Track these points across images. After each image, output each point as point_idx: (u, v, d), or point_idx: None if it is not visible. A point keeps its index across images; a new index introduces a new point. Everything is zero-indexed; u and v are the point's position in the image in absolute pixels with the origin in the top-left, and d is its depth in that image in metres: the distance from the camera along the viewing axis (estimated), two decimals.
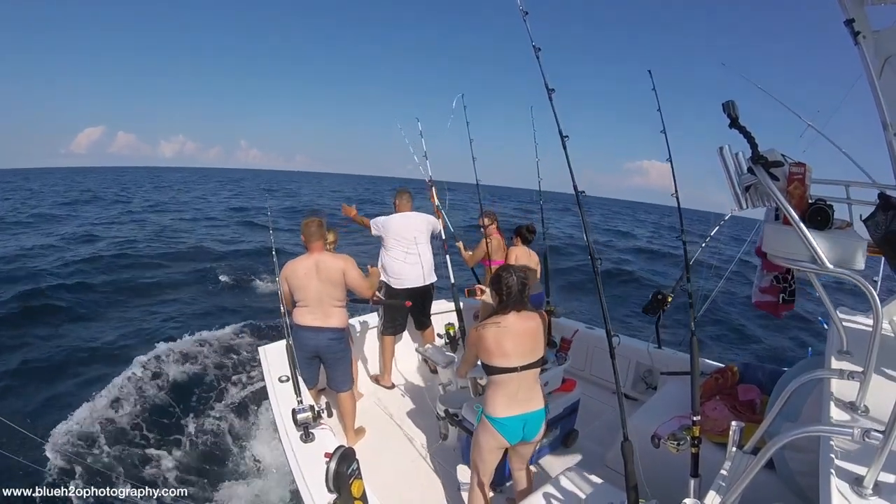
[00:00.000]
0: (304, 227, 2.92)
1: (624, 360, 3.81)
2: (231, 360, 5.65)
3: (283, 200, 29.84)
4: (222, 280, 9.59)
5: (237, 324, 6.81)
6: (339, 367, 3.07)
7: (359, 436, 3.28)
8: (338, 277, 2.89)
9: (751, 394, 2.65)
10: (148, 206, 23.21)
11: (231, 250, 12.53)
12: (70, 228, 14.87)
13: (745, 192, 1.55)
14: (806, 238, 1.39)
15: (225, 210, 23.14)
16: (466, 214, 12.37)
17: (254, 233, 16.03)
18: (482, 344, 2.03)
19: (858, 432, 1.07)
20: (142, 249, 11.86)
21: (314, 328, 2.91)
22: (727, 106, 1.51)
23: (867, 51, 1.75)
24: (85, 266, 9.80)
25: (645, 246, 19.25)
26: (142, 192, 34.31)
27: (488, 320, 2.06)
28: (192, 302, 8.26)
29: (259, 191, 39.36)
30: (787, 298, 2.24)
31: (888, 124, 1.75)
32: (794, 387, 1.60)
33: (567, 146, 2.01)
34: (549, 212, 4.35)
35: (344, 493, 1.64)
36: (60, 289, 8.10)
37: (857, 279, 1.37)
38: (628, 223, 34.09)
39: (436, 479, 2.90)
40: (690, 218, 3.12)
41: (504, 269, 2.10)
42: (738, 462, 1.61)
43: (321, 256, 2.90)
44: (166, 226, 16.57)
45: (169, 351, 5.66)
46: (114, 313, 7.43)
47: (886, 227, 1.44)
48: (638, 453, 1.74)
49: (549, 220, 5.84)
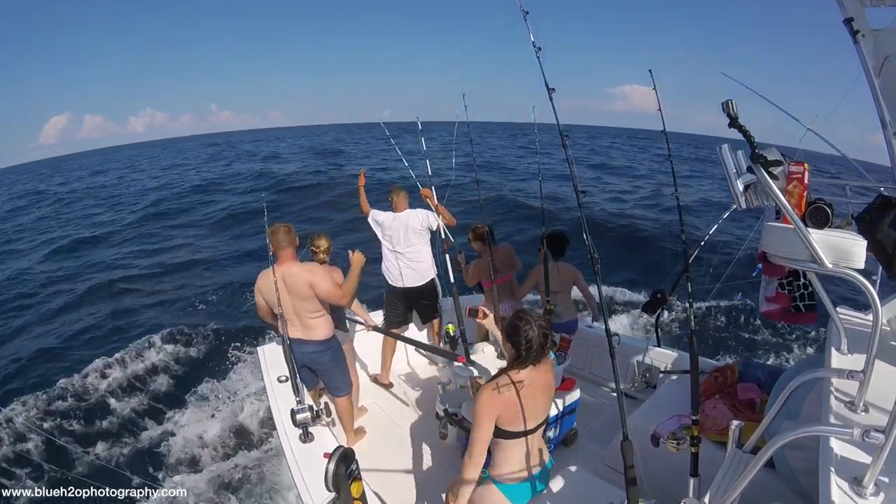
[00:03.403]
0: (270, 234, 2.70)
1: (623, 359, 3.81)
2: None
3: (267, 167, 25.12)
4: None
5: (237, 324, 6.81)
6: (331, 376, 2.97)
7: (358, 436, 3.25)
8: (306, 291, 2.68)
9: (750, 393, 2.65)
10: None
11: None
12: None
13: (745, 191, 1.55)
14: (805, 237, 1.39)
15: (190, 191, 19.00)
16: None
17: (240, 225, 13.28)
18: (503, 411, 1.73)
19: (858, 432, 1.07)
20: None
21: (298, 340, 2.80)
22: (726, 105, 1.51)
23: (866, 50, 1.75)
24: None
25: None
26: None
27: (503, 380, 1.76)
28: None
29: (242, 156, 34.87)
30: (808, 304, 2.11)
31: (887, 123, 1.75)
32: (794, 386, 1.60)
33: (567, 145, 2.01)
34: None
35: (343, 494, 1.64)
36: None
37: (857, 278, 1.37)
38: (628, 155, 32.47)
39: (435, 479, 2.89)
40: (679, 142, 3.03)
41: (522, 319, 1.76)
42: (737, 461, 1.61)
43: (288, 269, 2.68)
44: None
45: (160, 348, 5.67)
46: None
47: (878, 226, 1.43)
48: (637, 452, 1.73)
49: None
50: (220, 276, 9.12)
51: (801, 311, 2.18)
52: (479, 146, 4.72)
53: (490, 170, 19.55)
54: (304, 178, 18.85)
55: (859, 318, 2.22)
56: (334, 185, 16.71)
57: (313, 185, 17.04)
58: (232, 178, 21.19)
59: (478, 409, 1.75)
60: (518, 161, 23.71)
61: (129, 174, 29.61)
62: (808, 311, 2.16)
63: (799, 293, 2.14)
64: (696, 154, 32.33)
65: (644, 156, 30.93)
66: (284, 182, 18.41)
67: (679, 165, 3.29)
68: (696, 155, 31.65)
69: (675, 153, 2.77)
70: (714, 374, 2.91)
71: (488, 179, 16.14)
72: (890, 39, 1.75)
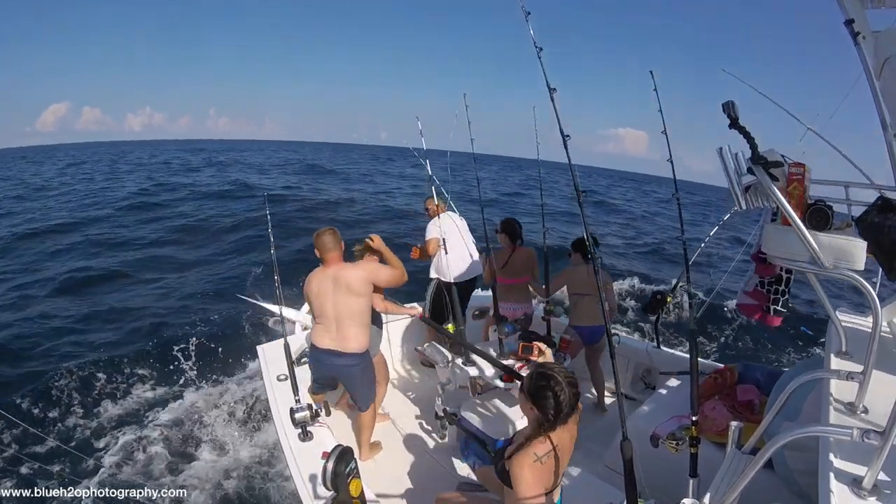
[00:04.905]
0: (315, 238, 2.66)
1: (623, 360, 3.81)
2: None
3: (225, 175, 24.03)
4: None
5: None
6: (360, 390, 2.82)
7: (373, 451, 3.08)
8: (362, 288, 2.59)
9: (750, 394, 2.65)
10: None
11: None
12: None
13: (745, 192, 1.56)
14: (805, 238, 1.39)
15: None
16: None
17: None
18: (546, 479, 1.61)
19: (857, 433, 1.07)
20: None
21: (329, 351, 2.65)
22: (727, 106, 1.51)
23: (867, 51, 1.75)
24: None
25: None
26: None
27: (539, 448, 1.58)
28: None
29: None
30: (779, 309, 2.20)
31: (888, 125, 1.75)
32: (794, 387, 1.60)
33: (568, 146, 2.01)
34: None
35: (342, 492, 1.64)
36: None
37: (857, 280, 1.37)
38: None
39: (435, 479, 2.89)
40: (670, 187, 3.01)
41: (551, 379, 1.59)
42: (737, 462, 1.61)
43: (339, 269, 2.61)
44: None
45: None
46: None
47: (877, 228, 1.43)
48: (637, 453, 1.74)
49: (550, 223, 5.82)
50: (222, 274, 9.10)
51: (769, 313, 2.23)
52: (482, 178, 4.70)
53: (492, 206, 18.60)
54: (280, 192, 17.43)
55: (859, 320, 2.23)
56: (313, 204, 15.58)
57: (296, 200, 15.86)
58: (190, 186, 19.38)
59: (524, 488, 1.54)
60: (518, 198, 22.15)
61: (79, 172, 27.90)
62: (776, 315, 2.22)
63: (775, 297, 2.18)
64: (692, 199, 31.66)
65: (645, 199, 30.69)
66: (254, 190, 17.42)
67: (673, 210, 3.24)
68: (692, 200, 30.86)
69: (666, 198, 2.79)
70: (713, 375, 2.92)
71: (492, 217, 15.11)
72: (890, 41, 1.75)
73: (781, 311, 2.20)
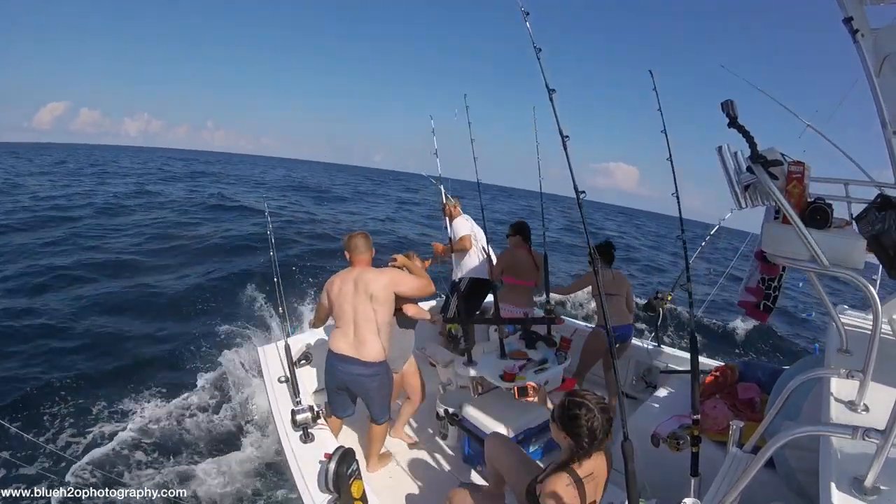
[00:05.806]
0: (347, 239, 2.66)
1: (624, 359, 3.81)
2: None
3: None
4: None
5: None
6: (374, 402, 2.67)
7: (382, 462, 2.96)
8: (384, 294, 2.52)
9: (750, 392, 2.65)
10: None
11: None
12: None
13: (745, 191, 1.55)
14: (805, 237, 1.39)
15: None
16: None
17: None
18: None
19: (858, 432, 1.07)
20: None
21: (345, 358, 2.54)
22: (726, 105, 1.51)
23: (866, 49, 1.75)
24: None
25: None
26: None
27: (572, 477, 1.57)
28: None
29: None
30: (769, 306, 2.23)
31: (887, 122, 1.74)
32: (794, 385, 1.60)
33: (567, 146, 2.00)
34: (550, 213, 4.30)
35: (344, 494, 1.64)
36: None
37: (857, 278, 1.37)
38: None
39: (436, 479, 2.90)
40: (670, 226, 3.05)
41: (581, 406, 1.60)
42: (737, 461, 1.61)
43: (363, 272, 2.58)
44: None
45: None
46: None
47: (878, 226, 1.43)
48: (638, 452, 1.74)
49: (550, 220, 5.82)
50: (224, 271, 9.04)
51: (759, 309, 2.28)
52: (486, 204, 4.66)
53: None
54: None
55: (859, 318, 2.23)
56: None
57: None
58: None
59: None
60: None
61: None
62: (765, 311, 2.27)
63: (767, 293, 2.20)
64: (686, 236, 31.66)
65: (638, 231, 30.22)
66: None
67: (669, 246, 3.15)
68: (686, 236, 31.08)
69: (663, 235, 2.82)
70: (714, 373, 2.92)
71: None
72: (889, 38, 1.75)
73: (770, 308, 2.25)
